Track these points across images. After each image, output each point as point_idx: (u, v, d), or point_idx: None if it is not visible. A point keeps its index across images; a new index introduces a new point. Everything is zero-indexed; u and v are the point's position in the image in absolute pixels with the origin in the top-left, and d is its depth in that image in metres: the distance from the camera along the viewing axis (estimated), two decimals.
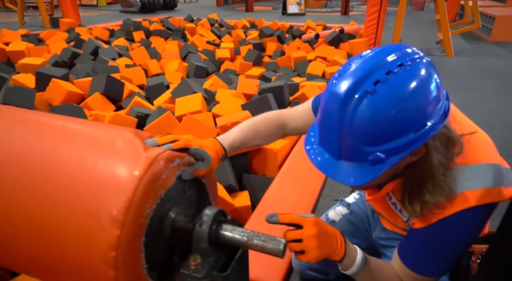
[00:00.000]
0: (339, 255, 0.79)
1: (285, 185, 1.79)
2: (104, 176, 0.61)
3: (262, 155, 2.03)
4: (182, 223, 0.73)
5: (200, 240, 0.70)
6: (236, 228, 0.72)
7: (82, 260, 0.61)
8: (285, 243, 0.69)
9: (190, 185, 0.77)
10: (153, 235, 0.67)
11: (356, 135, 0.65)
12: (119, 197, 0.58)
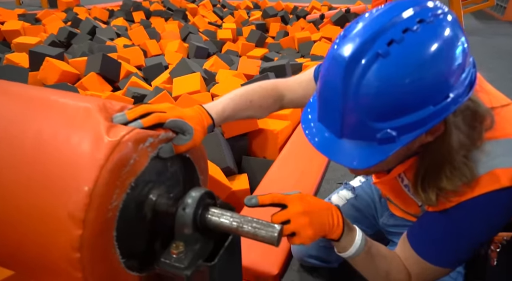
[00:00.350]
0: (336, 232, 0.68)
1: (285, 168, 1.71)
2: (59, 167, 0.52)
3: (262, 137, 1.94)
4: (164, 206, 0.65)
5: (183, 226, 0.62)
6: (225, 212, 0.64)
7: (47, 261, 0.54)
8: (281, 229, 0.61)
9: (173, 161, 0.68)
10: (128, 226, 0.60)
11: (363, 109, 0.55)
12: (77, 192, 0.50)
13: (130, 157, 0.54)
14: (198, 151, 0.72)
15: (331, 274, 1.12)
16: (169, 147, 0.62)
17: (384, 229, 1.04)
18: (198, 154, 0.72)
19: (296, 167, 1.71)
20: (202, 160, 0.74)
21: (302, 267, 1.16)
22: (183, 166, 0.71)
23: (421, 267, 0.70)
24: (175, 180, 0.70)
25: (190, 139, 0.65)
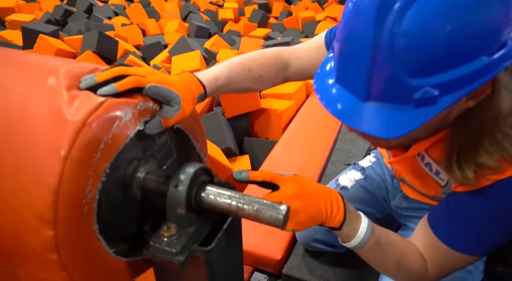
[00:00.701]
0: (335, 220, 0.59)
1: (289, 149, 1.62)
2: (16, 158, 0.43)
3: (265, 117, 1.85)
4: (154, 184, 0.57)
5: (175, 205, 0.54)
6: (224, 191, 0.56)
7: (27, 264, 0.48)
8: (287, 210, 0.53)
9: (160, 132, 0.59)
10: (113, 214, 0.53)
11: (398, 61, 0.45)
12: (40, 189, 0.42)
13: (100, 140, 0.45)
14: (193, 120, 0.64)
15: (338, 260, 1.05)
16: (157, 122, 0.53)
17: (396, 212, 0.96)
18: (189, 121, 0.63)
19: (300, 149, 1.62)
20: (195, 125, 0.65)
21: (307, 251, 1.09)
22: (173, 136, 0.63)
23: (443, 255, 0.62)
24: (166, 151, 0.62)
25: (179, 109, 0.55)
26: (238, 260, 0.70)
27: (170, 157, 0.63)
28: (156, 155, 0.60)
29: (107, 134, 0.46)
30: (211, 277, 0.57)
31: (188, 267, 0.54)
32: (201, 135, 0.67)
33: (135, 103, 0.50)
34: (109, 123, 0.46)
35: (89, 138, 0.43)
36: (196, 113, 0.64)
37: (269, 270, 1.09)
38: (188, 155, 0.67)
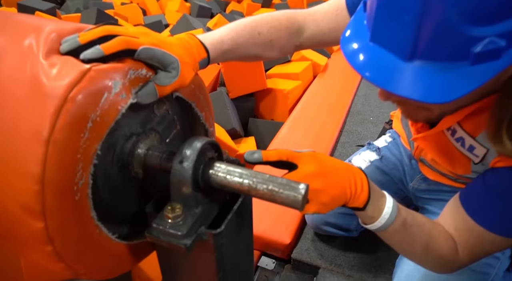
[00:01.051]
0: (359, 199, 0.54)
1: (296, 131, 1.56)
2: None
3: (271, 97, 1.78)
4: (156, 161, 0.51)
5: (180, 183, 0.48)
6: (234, 168, 0.50)
7: (24, 252, 0.44)
8: (306, 189, 0.47)
9: (160, 102, 0.53)
10: (113, 197, 0.48)
11: (456, 4, 0.37)
12: (23, 179, 0.36)
13: (87, 117, 0.38)
14: (196, 86, 0.57)
15: (350, 244, 1.00)
16: (150, 90, 0.46)
17: (413, 195, 0.90)
18: (191, 88, 0.56)
19: (307, 130, 1.56)
20: (198, 93, 0.58)
21: (317, 236, 1.04)
22: (175, 104, 0.56)
23: (477, 237, 0.56)
24: (168, 123, 0.56)
25: (177, 76, 0.48)
26: (249, 245, 0.64)
27: (173, 129, 0.57)
28: (157, 128, 0.54)
29: (94, 110, 0.39)
30: (219, 263, 0.52)
31: (194, 252, 0.49)
32: (206, 104, 0.60)
33: (125, 70, 0.43)
34: (96, 97, 0.39)
35: (73, 116, 0.36)
36: (199, 80, 0.57)
37: (277, 254, 1.05)
38: (192, 126, 0.61)
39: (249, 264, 0.69)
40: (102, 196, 0.46)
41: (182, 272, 0.56)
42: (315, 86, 1.93)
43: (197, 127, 0.61)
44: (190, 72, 0.52)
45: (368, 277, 0.91)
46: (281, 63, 1.99)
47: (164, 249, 0.53)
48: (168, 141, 0.57)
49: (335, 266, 0.94)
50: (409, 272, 0.75)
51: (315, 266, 0.96)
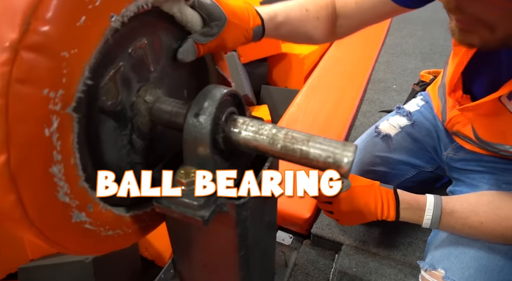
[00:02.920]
0: (388, 218, 0.64)
1: (313, 99, 1.45)
2: None
3: (286, 63, 1.66)
4: (165, 115, 0.41)
5: (196, 142, 0.38)
6: (262, 124, 0.40)
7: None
8: (355, 151, 0.37)
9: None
10: (112, 165, 0.39)
11: None
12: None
13: (61, 71, 0.27)
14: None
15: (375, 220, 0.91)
16: (189, 47, 0.43)
17: (448, 165, 0.80)
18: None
19: (325, 98, 1.44)
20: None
21: None
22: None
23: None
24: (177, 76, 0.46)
25: (216, 34, 0.45)
26: (273, 218, 0.56)
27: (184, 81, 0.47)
28: (169, 82, 0.44)
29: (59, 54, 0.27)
30: (242, 239, 0.43)
31: (212, 226, 0.40)
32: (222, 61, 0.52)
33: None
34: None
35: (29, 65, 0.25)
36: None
37: (295, 229, 0.97)
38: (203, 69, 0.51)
39: (272, 241, 0.61)
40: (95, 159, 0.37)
41: (197, 249, 0.48)
42: (333, 52, 1.79)
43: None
44: (238, 36, 0.50)
45: (397, 256, 0.83)
46: None
47: (176, 222, 0.45)
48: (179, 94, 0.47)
49: (359, 243, 0.86)
50: (445, 250, 0.67)
51: (337, 242, 0.88)
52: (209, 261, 0.49)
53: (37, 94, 0.26)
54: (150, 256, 1.03)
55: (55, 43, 0.26)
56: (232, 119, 0.41)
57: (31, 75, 0.25)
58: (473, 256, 0.64)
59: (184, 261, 0.52)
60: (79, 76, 0.29)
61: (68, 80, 0.28)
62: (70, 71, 0.28)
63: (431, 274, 0.66)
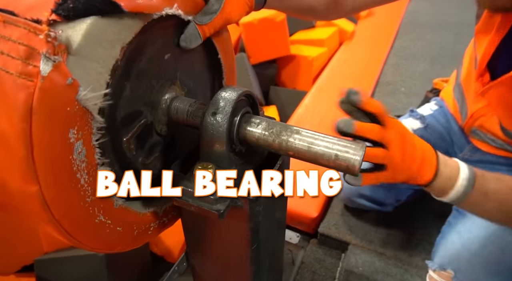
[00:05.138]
0: (424, 178, 0.48)
1: (321, 101, 1.46)
2: None
3: (294, 64, 1.67)
4: (183, 114, 0.43)
5: (213, 139, 0.40)
6: (276, 123, 0.42)
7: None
8: (365, 150, 0.39)
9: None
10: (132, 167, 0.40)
11: None
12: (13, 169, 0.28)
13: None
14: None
15: (382, 220, 0.92)
16: (192, 31, 0.41)
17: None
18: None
19: (333, 100, 1.46)
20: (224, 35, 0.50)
21: (347, 209, 0.97)
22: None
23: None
24: (190, 67, 0.48)
25: (217, 10, 0.41)
26: (283, 215, 0.58)
27: (192, 75, 0.49)
28: (187, 73, 0.46)
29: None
30: (254, 233, 0.45)
31: (226, 220, 0.42)
32: (230, 56, 0.53)
33: None
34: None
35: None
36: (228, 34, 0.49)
37: (302, 228, 0.99)
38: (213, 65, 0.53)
39: (281, 238, 0.63)
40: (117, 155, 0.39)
41: (210, 242, 0.50)
42: (342, 54, 1.80)
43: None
44: (241, 5, 0.45)
45: (403, 256, 0.84)
46: (305, 28, 1.86)
47: (191, 215, 0.47)
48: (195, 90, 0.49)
49: (366, 243, 0.88)
50: (455, 251, 0.68)
51: (344, 241, 0.89)
52: (222, 254, 0.51)
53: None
54: (160, 252, 1.05)
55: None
56: (247, 118, 0.43)
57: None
58: (484, 260, 0.65)
59: (197, 254, 0.54)
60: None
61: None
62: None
63: (439, 274, 0.67)
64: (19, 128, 0.25)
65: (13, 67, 0.25)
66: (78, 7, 0.27)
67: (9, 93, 0.25)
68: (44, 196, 0.28)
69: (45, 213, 0.29)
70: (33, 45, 0.25)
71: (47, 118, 0.26)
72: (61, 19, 0.26)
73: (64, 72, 0.26)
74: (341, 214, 0.96)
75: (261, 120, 0.42)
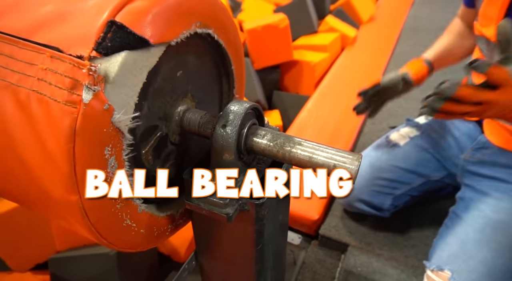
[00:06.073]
0: None
1: (323, 105, 1.50)
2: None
3: (297, 70, 1.71)
4: (196, 125, 0.48)
5: (223, 149, 0.44)
6: (280, 135, 0.46)
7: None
8: (361, 161, 0.43)
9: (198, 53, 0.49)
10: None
11: None
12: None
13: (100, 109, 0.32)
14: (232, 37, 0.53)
15: (380, 223, 0.96)
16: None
17: (463, 169, 0.84)
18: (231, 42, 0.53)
19: (335, 105, 1.50)
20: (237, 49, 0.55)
21: (346, 213, 1.01)
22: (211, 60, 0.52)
23: None
24: (203, 79, 0.52)
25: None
26: (285, 218, 0.62)
27: (204, 88, 0.53)
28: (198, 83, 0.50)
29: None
30: (259, 234, 0.49)
31: (234, 222, 0.46)
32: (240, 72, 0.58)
33: None
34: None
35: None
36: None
37: (304, 230, 1.03)
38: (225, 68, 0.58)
39: (284, 239, 0.67)
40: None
41: (218, 242, 0.54)
42: (343, 59, 1.84)
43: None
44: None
45: (400, 257, 0.88)
46: (308, 33, 1.90)
47: (202, 218, 0.51)
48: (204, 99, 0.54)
49: (364, 245, 0.91)
50: (453, 253, 0.71)
51: (343, 243, 0.93)
52: (228, 254, 0.55)
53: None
54: (167, 252, 1.09)
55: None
56: (253, 130, 0.47)
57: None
58: (481, 261, 0.68)
59: (206, 254, 0.58)
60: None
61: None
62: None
63: (437, 274, 0.70)
64: (64, 148, 0.30)
65: (60, 96, 0.30)
66: (115, 45, 0.31)
67: (56, 118, 0.30)
68: (83, 204, 0.32)
69: (82, 218, 0.33)
70: (77, 78, 0.30)
71: (88, 139, 0.30)
72: (100, 55, 0.31)
73: (102, 99, 0.30)
74: (341, 217, 1.00)
75: (267, 132, 0.46)
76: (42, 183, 0.34)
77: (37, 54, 0.33)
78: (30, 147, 0.33)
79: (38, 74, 0.32)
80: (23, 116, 0.33)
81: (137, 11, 0.35)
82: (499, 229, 0.68)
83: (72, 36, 0.33)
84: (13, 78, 0.34)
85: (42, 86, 0.32)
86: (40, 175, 0.34)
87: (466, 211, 0.75)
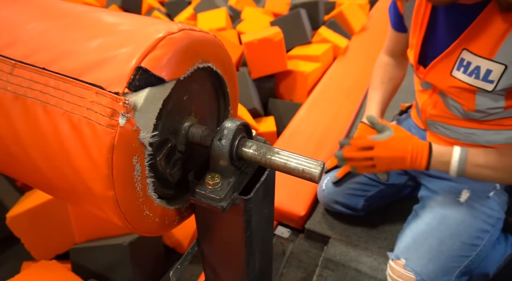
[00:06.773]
0: (420, 167, 0.77)
1: (314, 112, 1.63)
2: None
3: (291, 79, 1.84)
4: (198, 138, 0.61)
5: (219, 157, 0.58)
6: (262, 145, 0.59)
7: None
8: (323, 166, 0.56)
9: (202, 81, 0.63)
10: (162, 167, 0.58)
11: None
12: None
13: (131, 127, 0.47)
14: (228, 67, 0.66)
15: (358, 220, 1.09)
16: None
17: (420, 171, 0.96)
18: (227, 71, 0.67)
19: (325, 112, 1.63)
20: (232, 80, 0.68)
21: (327, 211, 1.14)
22: (210, 86, 0.66)
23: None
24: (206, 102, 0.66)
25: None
26: (270, 212, 0.75)
27: (208, 111, 0.66)
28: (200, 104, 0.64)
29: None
30: (247, 223, 0.62)
31: (227, 213, 0.60)
32: (235, 94, 0.71)
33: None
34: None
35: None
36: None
37: (292, 224, 1.16)
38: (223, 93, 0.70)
39: (270, 229, 0.80)
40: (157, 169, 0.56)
41: (216, 230, 0.67)
42: (335, 69, 1.97)
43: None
44: None
45: (373, 247, 1.01)
46: (302, 44, 2.04)
47: (202, 211, 0.64)
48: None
49: (344, 237, 1.05)
50: (407, 244, 0.84)
51: (326, 236, 1.06)
52: (224, 240, 0.68)
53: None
54: (171, 244, 1.22)
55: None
56: (243, 142, 0.60)
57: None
58: (427, 249, 0.81)
59: (206, 240, 0.71)
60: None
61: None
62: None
63: (396, 262, 0.84)
64: (105, 157, 0.43)
65: (103, 121, 0.43)
66: (141, 84, 0.45)
67: (100, 136, 0.43)
68: (116, 198, 0.45)
69: (116, 209, 0.46)
70: (115, 108, 0.43)
71: (122, 151, 0.44)
72: (130, 91, 0.44)
73: (132, 123, 0.44)
74: (324, 213, 1.13)
75: (253, 144, 0.60)
76: (88, 182, 0.48)
77: (86, 90, 0.47)
78: (80, 157, 0.47)
79: (87, 105, 0.46)
80: (76, 135, 0.46)
81: (156, 58, 0.48)
82: (443, 222, 0.82)
83: (111, 77, 0.46)
84: (68, 107, 0.47)
85: (90, 114, 0.45)
86: (86, 177, 0.47)
87: (422, 208, 0.88)
